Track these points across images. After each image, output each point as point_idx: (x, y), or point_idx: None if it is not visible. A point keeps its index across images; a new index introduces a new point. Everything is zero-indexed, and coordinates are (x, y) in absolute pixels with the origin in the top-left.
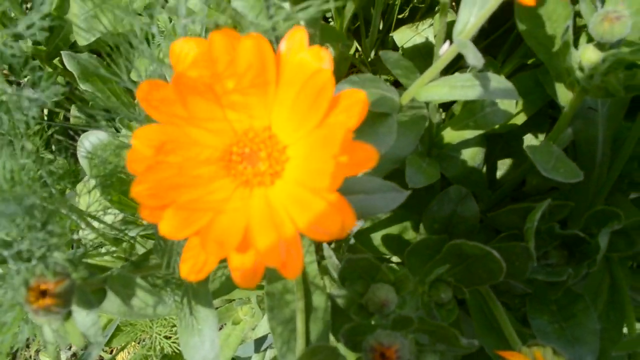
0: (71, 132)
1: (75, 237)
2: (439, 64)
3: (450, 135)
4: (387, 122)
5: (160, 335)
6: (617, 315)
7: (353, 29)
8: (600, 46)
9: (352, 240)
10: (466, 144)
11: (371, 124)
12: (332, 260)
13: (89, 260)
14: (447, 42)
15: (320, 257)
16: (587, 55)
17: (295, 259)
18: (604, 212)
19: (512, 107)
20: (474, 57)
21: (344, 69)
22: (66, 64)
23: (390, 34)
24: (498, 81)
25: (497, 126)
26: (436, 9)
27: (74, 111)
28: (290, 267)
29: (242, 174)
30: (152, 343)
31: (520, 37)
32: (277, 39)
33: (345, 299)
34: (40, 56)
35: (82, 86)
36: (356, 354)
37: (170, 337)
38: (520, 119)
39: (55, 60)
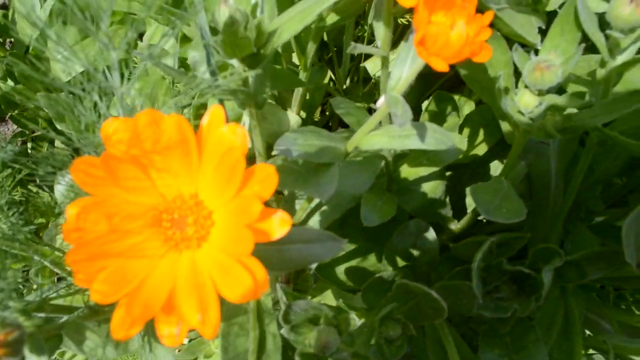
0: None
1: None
2: (375, 118)
3: (407, 172)
4: (329, 172)
5: None
6: (569, 345)
7: (327, 58)
8: (536, 91)
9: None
10: (426, 177)
11: (314, 174)
12: (283, 301)
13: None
14: (384, 96)
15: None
16: (524, 100)
17: (214, 320)
18: (548, 249)
19: (464, 145)
20: (402, 115)
21: (319, 97)
22: (42, 105)
23: (362, 64)
24: (434, 130)
25: (460, 156)
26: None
27: (58, 142)
28: (207, 326)
29: (172, 239)
30: None
31: None
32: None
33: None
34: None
35: (58, 126)
36: None
37: None
38: (482, 149)
39: None
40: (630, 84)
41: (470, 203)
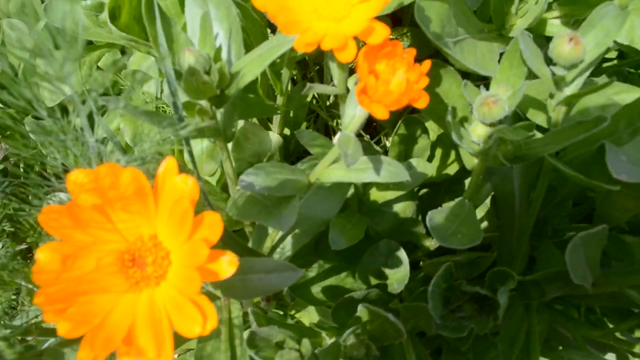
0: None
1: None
2: (332, 154)
3: (376, 195)
4: (290, 204)
5: None
6: None
7: (309, 76)
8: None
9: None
10: (396, 200)
11: (277, 206)
12: (253, 325)
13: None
14: (339, 134)
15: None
16: (477, 131)
17: (169, 353)
18: (502, 272)
19: (428, 169)
20: (352, 155)
21: (302, 115)
22: (28, 130)
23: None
24: (389, 164)
25: (434, 174)
26: None
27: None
28: (163, 359)
29: (133, 277)
30: None
31: None
32: None
33: None
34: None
35: (44, 151)
36: None
37: None
38: (455, 168)
39: None
40: (585, 110)
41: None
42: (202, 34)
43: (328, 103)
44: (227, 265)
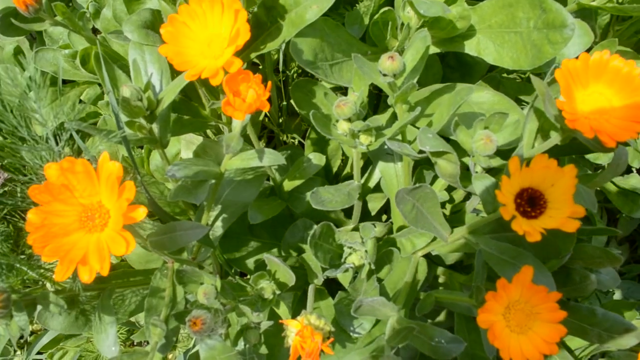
0: None
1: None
2: (230, 155)
3: (287, 185)
4: (203, 186)
5: None
6: None
7: None
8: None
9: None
10: (307, 186)
11: (195, 188)
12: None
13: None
14: (226, 134)
15: None
16: (341, 127)
17: (107, 267)
18: (367, 226)
19: (322, 161)
20: (234, 146)
21: (257, 131)
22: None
23: (291, 101)
24: (270, 153)
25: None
26: None
27: None
28: (104, 270)
29: (87, 226)
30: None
31: None
32: None
33: None
34: None
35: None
36: None
37: None
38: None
39: None
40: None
41: (372, 207)
42: (135, 73)
43: (280, 120)
44: (141, 212)
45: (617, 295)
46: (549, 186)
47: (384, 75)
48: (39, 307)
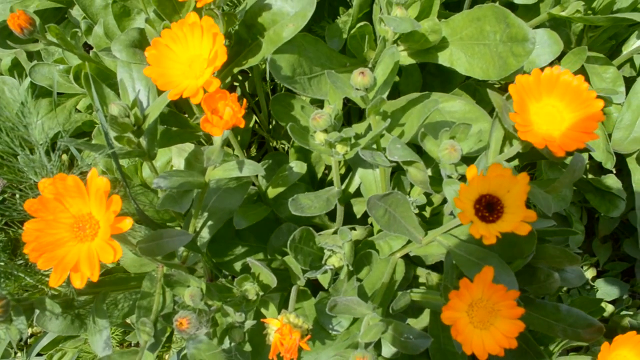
0: None
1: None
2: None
3: (271, 192)
4: (188, 196)
5: None
6: None
7: (249, 107)
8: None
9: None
10: (289, 193)
11: (181, 197)
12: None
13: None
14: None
15: None
16: (319, 137)
17: (97, 274)
18: (344, 230)
19: (303, 169)
20: (214, 159)
21: (247, 138)
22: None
23: None
24: (249, 164)
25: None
26: None
27: None
28: (94, 277)
29: (78, 236)
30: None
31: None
32: None
33: None
34: None
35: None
36: None
37: None
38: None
39: None
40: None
41: (358, 210)
42: (122, 91)
43: (270, 126)
44: (127, 223)
45: (600, 293)
46: (505, 192)
47: (357, 89)
48: (37, 311)
